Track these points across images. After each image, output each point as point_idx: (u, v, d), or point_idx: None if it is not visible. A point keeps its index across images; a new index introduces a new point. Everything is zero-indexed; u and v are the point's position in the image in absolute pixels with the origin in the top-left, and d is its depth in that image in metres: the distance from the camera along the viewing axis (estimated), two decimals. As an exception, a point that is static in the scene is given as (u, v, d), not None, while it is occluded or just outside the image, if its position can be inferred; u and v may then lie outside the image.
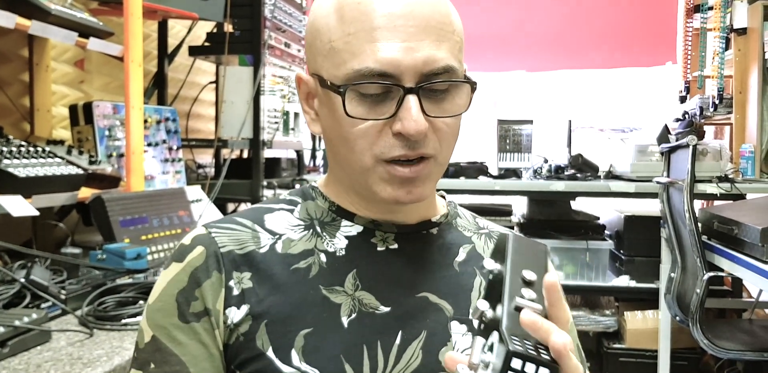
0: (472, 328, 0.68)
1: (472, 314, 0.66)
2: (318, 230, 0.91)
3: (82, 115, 2.33)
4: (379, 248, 0.89)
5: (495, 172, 3.78)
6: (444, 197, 1.01)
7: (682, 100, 4.05)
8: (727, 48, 3.60)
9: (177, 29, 3.31)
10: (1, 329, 1.28)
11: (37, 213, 1.75)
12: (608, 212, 3.91)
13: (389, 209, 0.90)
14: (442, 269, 0.91)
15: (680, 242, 2.96)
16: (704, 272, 2.67)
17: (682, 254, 2.95)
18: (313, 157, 4.29)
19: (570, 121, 3.96)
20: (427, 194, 0.86)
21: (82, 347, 1.36)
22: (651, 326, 3.39)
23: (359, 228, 0.91)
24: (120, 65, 2.37)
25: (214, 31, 3.19)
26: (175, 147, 2.73)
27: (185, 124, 3.28)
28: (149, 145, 2.54)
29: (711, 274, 2.66)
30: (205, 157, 3.44)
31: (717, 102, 3.56)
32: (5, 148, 1.80)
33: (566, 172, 3.60)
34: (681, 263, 2.95)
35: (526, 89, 5.74)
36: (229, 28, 3.02)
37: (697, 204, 3.52)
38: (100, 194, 2.02)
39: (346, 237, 0.90)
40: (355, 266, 0.87)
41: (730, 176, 3.16)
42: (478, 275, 0.92)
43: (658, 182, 3.14)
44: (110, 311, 1.56)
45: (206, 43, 3.12)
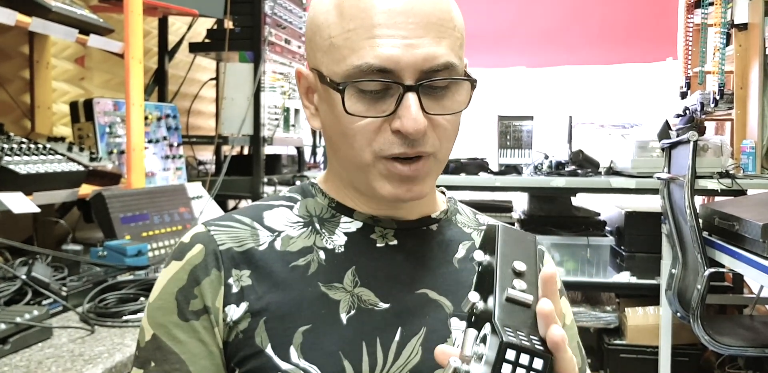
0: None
1: (463, 306, 0.67)
2: (317, 226, 0.91)
3: (82, 112, 2.33)
4: (378, 244, 0.89)
5: (495, 169, 3.78)
6: (444, 193, 1.01)
7: (683, 95, 4.05)
8: (727, 43, 3.59)
9: (177, 26, 3.31)
10: (3, 326, 1.29)
11: (38, 210, 1.75)
12: (609, 208, 3.91)
13: (389, 205, 0.90)
14: (442, 265, 0.91)
15: (681, 238, 2.95)
16: (705, 268, 2.67)
17: (683, 250, 2.94)
18: (314, 153, 4.29)
19: (570, 117, 3.96)
20: (427, 191, 0.86)
21: (83, 344, 1.36)
22: (652, 322, 3.39)
23: (359, 224, 0.91)
24: (120, 62, 2.37)
25: (215, 27, 3.19)
26: (176, 144, 2.73)
27: (186, 121, 3.28)
28: (150, 142, 2.54)
29: (712, 270, 2.66)
30: (206, 153, 3.45)
31: (718, 98, 3.55)
32: (6, 146, 1.80)
33: (567, 169, 3.60)
34: (682, 259, 2.95)
35: (527, 85, 5.73)
36: (229, 24, 3.02)
37: (698, 200, 3.52)
38: (101, 190, 2.03)
39: (345, 233, 0.90)
40: (354, 263, 0.87)
41: (730, 172, 3.15)
42: None
43: (659, 178, 3.14)
44: (111, 307, 1.56)
45: (206, 40, 3.12)
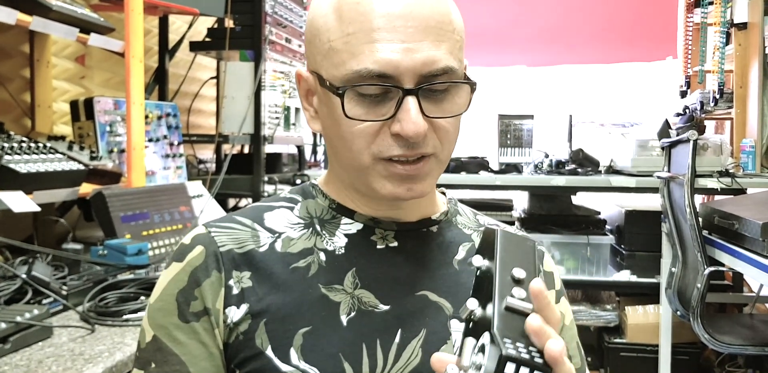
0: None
1: (461, 312, 0.66)
2: (318, 228, 0.91)
3: (83, 111, 2.33)
4: (378, 246, 0.89)
5: (496, 167, 3.78)
6: (444, 194, 1.01)
7: (683, 94, 4.04)
8: (727, 43, 3.58)
9: (178, 25, 3.30)
10: (3, 325, 1.29)
11: (39, 209, 1.75)
12: (609, 206, 3.91)
13: (390, 206, 0.90)
14: (442, 267, 0.91)
15: (681, 236, 2.96)
16: (705, 266, 2.67)
17: (683, 248, 2.95)
18: (314, 152, 4.30)
19: (571, 116, 3.96)
20: (427, 190, 0.86)
21: (84, 343, 1.36)
22: (652, 320, 3.39)
23: (359, 226, 0.91)
24: (121, 61, 2.37)
25: (215, 26, 3.19)
26: (176, 142, 2.73)
27: (186, 120, 3.28)
28: (150, 140, 2.54)
29: (712, 268, 2.66)
30: (206, 152, 3.45)
31: (717, 97, 3.55)
32: (6, 144, 1.80)
33: (567, 167, 3.60)
34: (682, 258, 2.95)
35: (527, 84, 5.73)
36: (229, 23, 3.01)
37: (698, 199, 3.53)
38: (101, 189, 2.03)
39: (346, 235, 0.90)
40: (355, 265, 0.87)
41: (730, 171, 3.15)
42: None
43: (659, 177, 3.14)
44: (111, 306, 1.56)
45: (207, 39, 3.12)
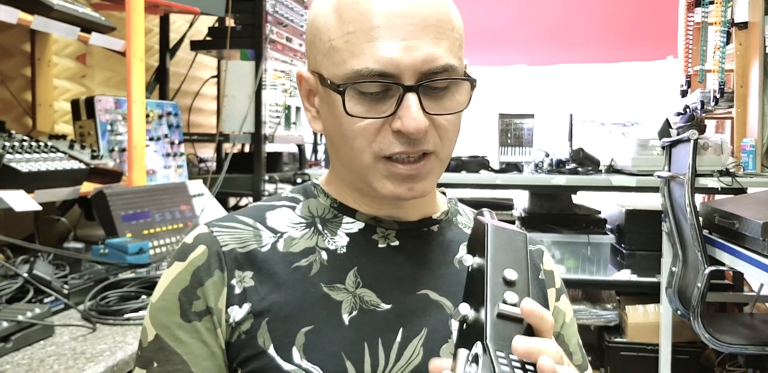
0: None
1: (454, 316, 0.65)
2: (319, 227, 0.91)
3: (84, 110, 2.33)
4: (380, 245, 0.90)
5: (496, 167, 3.78)
6: (445, 193, 1.02)
7: (683, 94, 4.05)
8: (728, 42, 3.59)
9: (179, 24, 3.30)
10: (5, 323, 1.29)
11: (40, 208, 1.76)
12: (609, 205, 3.91)
13: (391, 205, 0.91)
14: (443, 266, 0.91)
15: (681, 236, 2.96)
16: (705, 266, 2.67)
17: (683, 248, 2.95)
18: (315, 151, 4.30)
19: (571, 115, 3.96)
20: (429, 189, 0.86)
21: (85, 342, 1.36)
22: (652, 320, 3.39)
23: (360, 225, 0.91)
24: (122, 60, 2.37)
25: (216, 25, 3.19)
26: (177, 141, 2.73)
27: (187, 119, 3.28)
28: (151, 139, 2.54)
29: (712, 268, 2.66)
30: (207, 151, 3.44)
31: (718, 96, 3.56)
32: (8, 143, 1.80)
33: (567, 166, 3.60)
34: (682, 257, 2.96)
35: (528, 83, 5.73)
36: (230, 22, 3.01)
37: (698, 198, 3.53)
38: (102, 188, 2.03)
39: (347, 234, 0.90)
40: (356, 264, 0.88)
41: (731, 170, 3.16)
42: None
43: (660, 176, 3.14)
44: (113, 305, 1.56)
45: (208, 38, 3.12)
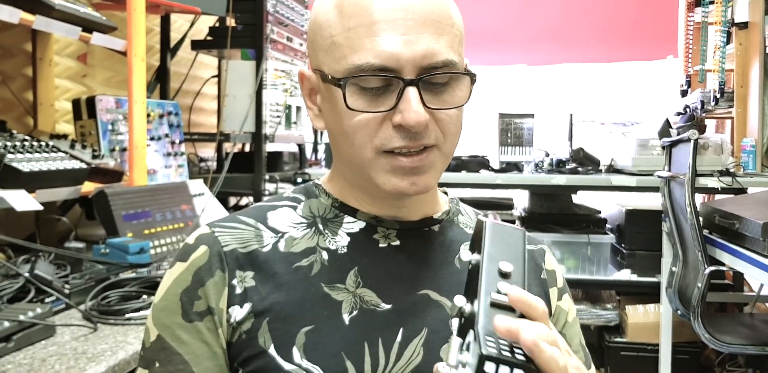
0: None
1: (451, 310, 0.65)
2: (320, 227, 0.91)
3: (85, 110, 2.33)
4: (381, 245, 0.90)
5: (496, 166, 3.78)
6: (446, 193, 1.02)
7: (684, 93, 4.05)
8: (728, 42, 3.59)
9: (179, 23, 3.31)
10: (6, 323, 1.29)
11: (41, 207, 1.76)
12: (609, 205, 3.91)
13: (392, 204, 0.91)
14: (444, 266, 0.91)
15: (681, 236, 2.96)
16: (705, 266, 2.67)
17: (684, 248, 2.95)
18: (315, 150, 4.30)
19: (571, 115, 3.96)
20: (432, 184, 0.86)
21: (87, 342, 1.37)
22: (652, 319, 3.40)
23: (362, 224, 0.91)
24: (123, 59, 2.37)
25: (217, 25, 3.19)
26: (178, 141, 2.74)
27: (188, 118, 3.29)
28: (152, 139, 2.55)
29: (712, 268, 2.66)
30: (208, 151, 3.45)
31: (718, 96, 3.55)
32: (9, 143, 1.80)
33: (567, 166, 3.60)
34: (682, 257, 2.96)
35: (528, 83, 5.73)
36: (231, 22, 3.02)
37: (699, 198, 3.52)
38: (103, 188, 2.03)
39: (348, 234, 0.90)
40: (357, 264, 0.88)
41: (731, 170, 3.16)
42: None
43: (660, 176, 3.14)
44: (114, 305, 1.57)
45: (209, 38, 3.12)
